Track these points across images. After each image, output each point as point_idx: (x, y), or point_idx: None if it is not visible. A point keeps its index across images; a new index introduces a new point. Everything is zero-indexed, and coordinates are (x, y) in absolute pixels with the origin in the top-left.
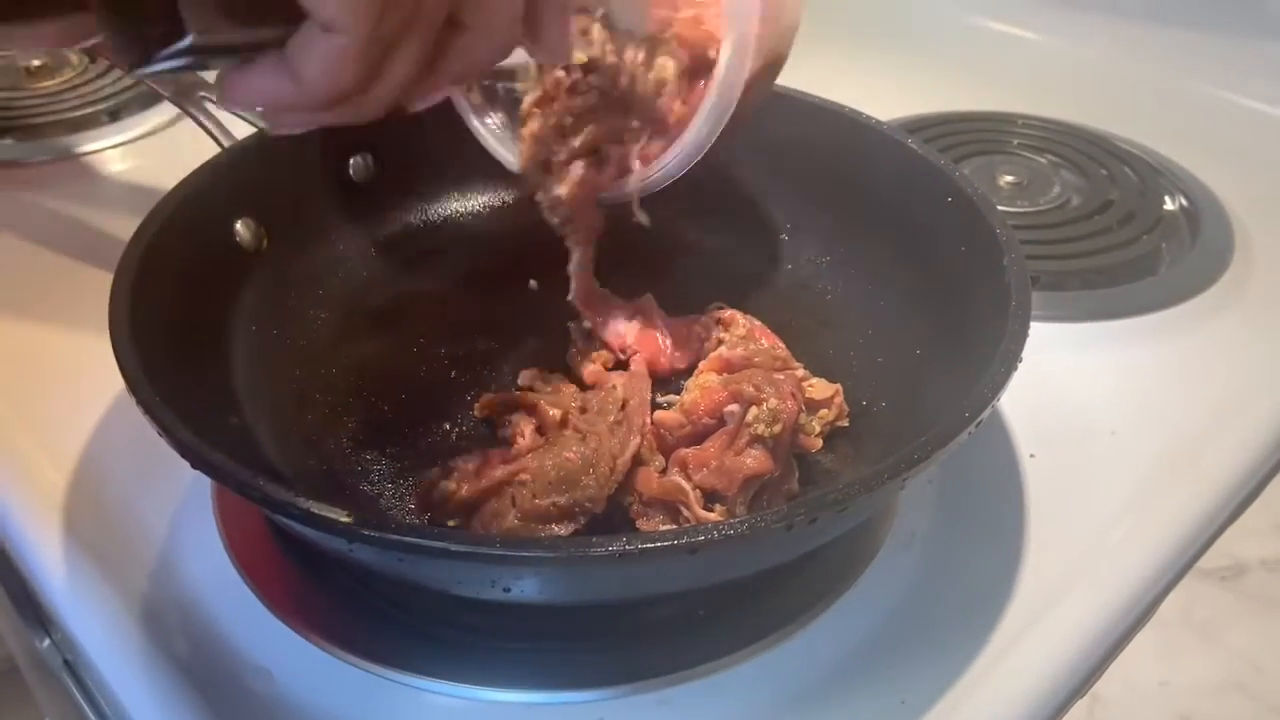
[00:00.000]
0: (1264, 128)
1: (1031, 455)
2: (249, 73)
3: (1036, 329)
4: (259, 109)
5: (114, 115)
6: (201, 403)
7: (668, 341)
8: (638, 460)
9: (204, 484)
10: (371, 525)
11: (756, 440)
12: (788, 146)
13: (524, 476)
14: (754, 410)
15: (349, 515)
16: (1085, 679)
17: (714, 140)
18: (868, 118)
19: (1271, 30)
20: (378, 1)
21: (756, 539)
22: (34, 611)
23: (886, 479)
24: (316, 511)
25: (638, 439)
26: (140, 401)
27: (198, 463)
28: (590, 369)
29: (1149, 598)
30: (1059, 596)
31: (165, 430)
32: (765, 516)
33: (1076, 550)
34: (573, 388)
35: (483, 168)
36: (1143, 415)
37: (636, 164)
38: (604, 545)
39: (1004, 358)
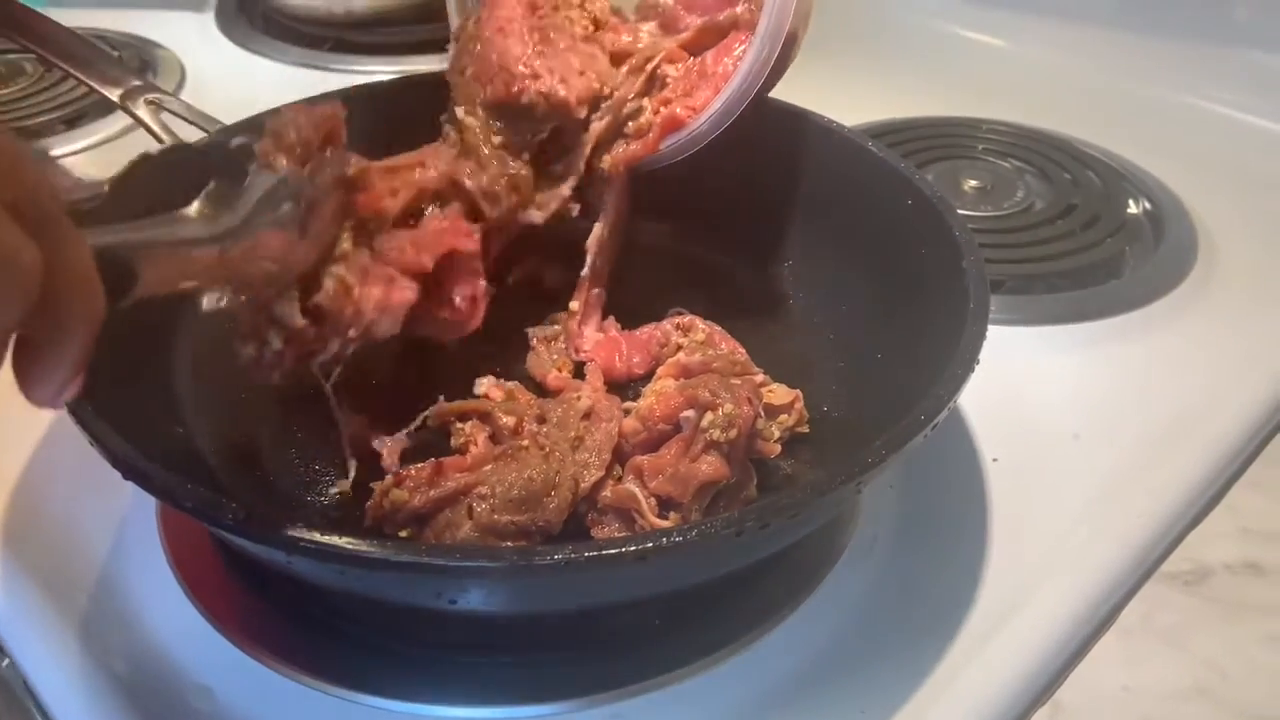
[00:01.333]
0: (1227, 132)
1: (994, 459)
2: None
3: (1001, 332)
4: None
5: (70, 123)
6: (142, 414)
7: (624, 347)
8: None
9: (147, 500)
10: (310, 536)
11: (712, 446)
12: (749, 150)
13: (483, 489)
14: (709, 415)
15: (288, 525)
16: (1047, 686)
17: (758, 86)
18: (829, 121)
19: (1233, 37)
20: None
21: (706, 546)
22: None
23: (839, 484)
24: (252, 521)
25: (601, 473)
26: (71, 411)
27: (129, 472)
28: (554, 375)
29: (1112, 602)
30: (1021, 602)
31: (96, 439)
32: (715, 522)
33: (1039, 555)
34: (529, 396)
35: None
36: (1106, 418)
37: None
38: (549, 554)
39: (961, 359)
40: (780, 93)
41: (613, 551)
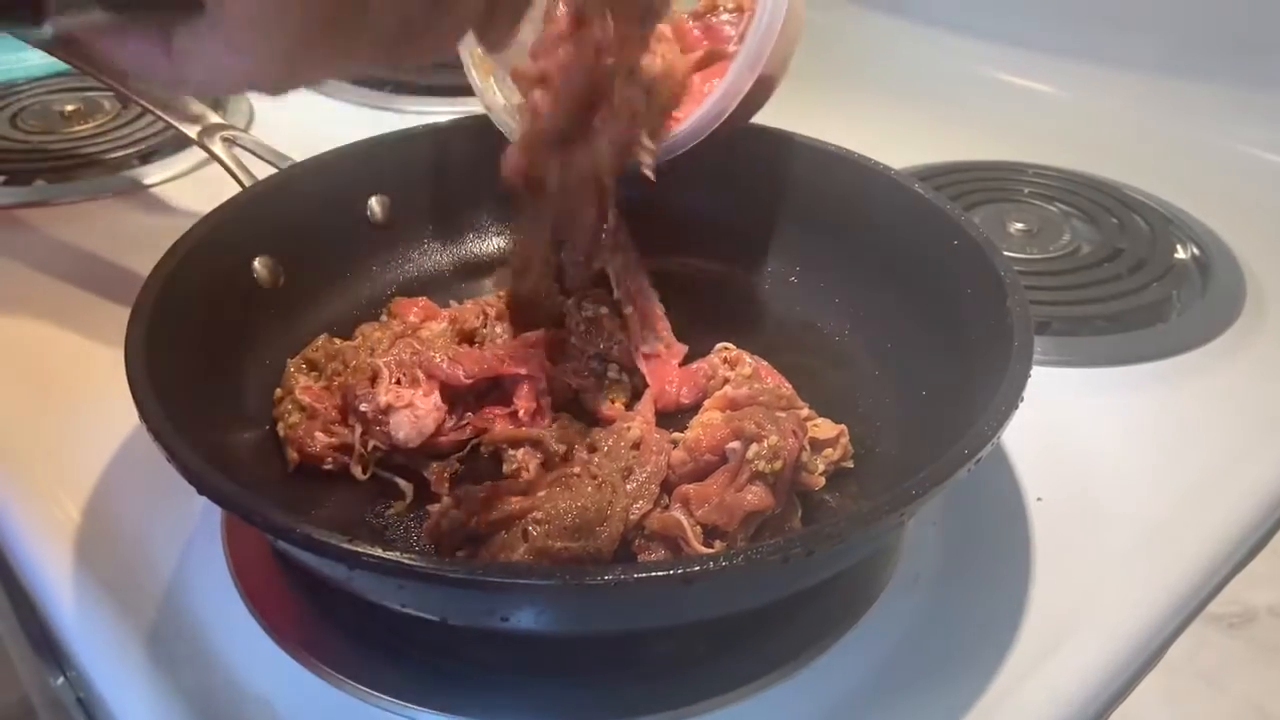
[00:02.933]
0: (1275, 178)
1: (1039, 499)
2: (120, 41)
3: (1047, 374)
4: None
5: (144, 158)
6: (213, 428)
7: (675, 378)
8: None
9: (214, 515)
10: (370, 551)
11: (757, 477)
12: (799, 190)
13: (538, 514)
14: (755, 447)
15: (349, 541)
16: None
17: (729, 110)
18: (876, 163)
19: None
20: (292, 47)
21: (751, 571)
22: (49, 648)
23: (883, 514)
24: (316, 537)
25: (650, 505)
26: (150, 428)
27: (202, 487)
28: (608, 406)
29: (1156, 643)
30: (1063, 641)
31: (171, 453)
32: (761, 549)
33: (1082, 594)
34: (579, 424)
35: (496, 210)
36: (1151, 460)
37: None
38: (599, 574)
39: (1005, 396)
40: (830, 135)
41: (660, 574)
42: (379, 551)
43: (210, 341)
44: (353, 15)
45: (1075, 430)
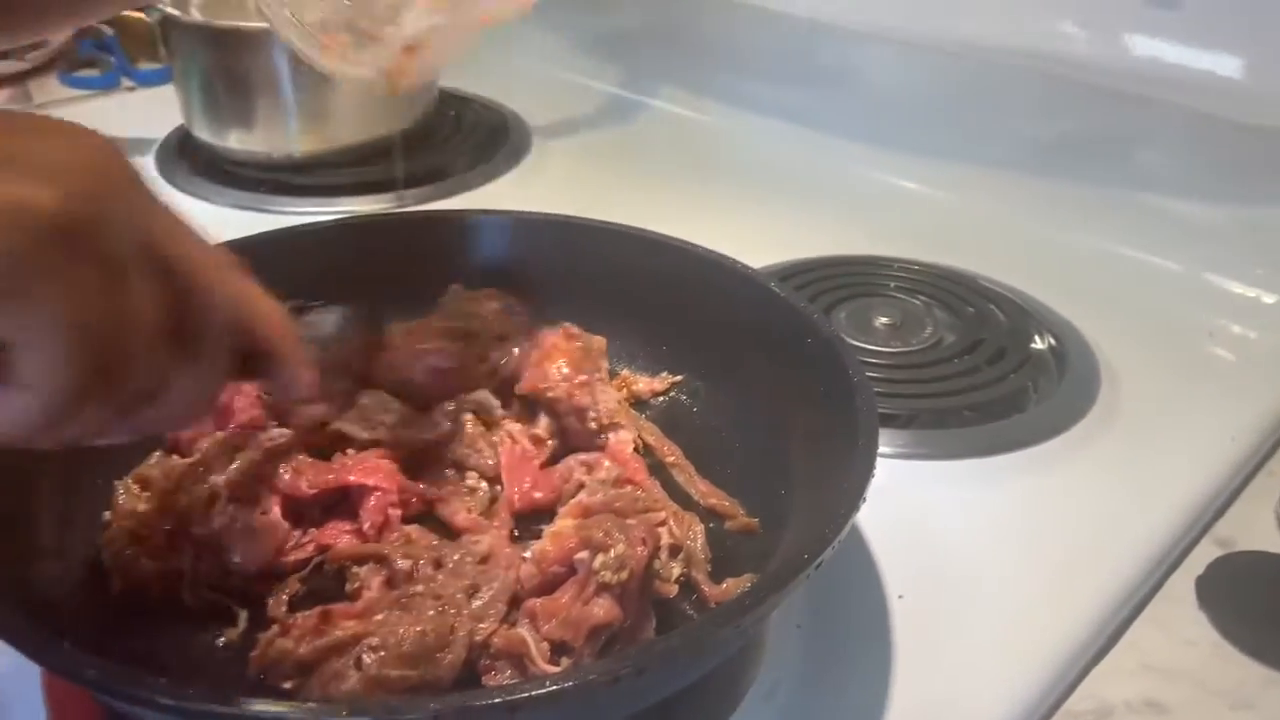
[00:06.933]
0: (1127, 271)
1: (900, 596)
2: None
3: (909, 466)
4: None
5: None
6: (27, 564)
7: (532, 476)
8: None
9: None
10: (155, 689)
11: (604, 588)
12: (668, 290)
13: (373, 641)
14: (601, 557)
15: (143, 683)
16: None
17: None
18: (735, 263)
19: (1132, 181)
20: (76, 380)
21: (580, 694)
22: None
23: (717, 627)
24: (114, 678)
25: (495, 624)
26: None
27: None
28: (463, 515)
29: None
30: None
31: None
32: (589, 669)
33: (944, 694)
34: (429, 537)
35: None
36: (1011, 553)
37: None
38: (416, 709)
39: (847, 499)
40: (698, 236)
41: (480, 704)
42: (169, 692)
43: (33, 457)
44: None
45: (937, 523)
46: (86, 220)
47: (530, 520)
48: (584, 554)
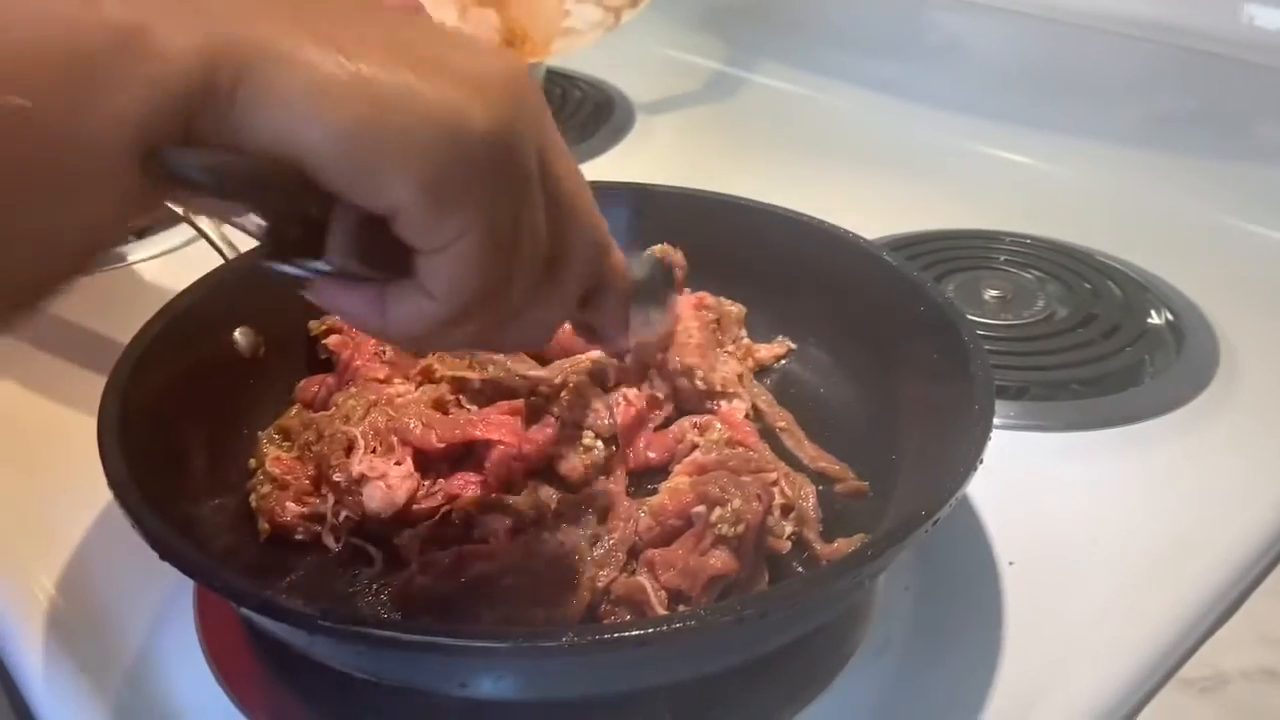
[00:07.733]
0: (1249, 246)
1: (1011, 563)
2: (347, 290)
3: (1022, 438)
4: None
5: (140, 234)
6: (187, 504)
7: (646, 438)
8: None
9: (186, 590)
10: (325, 615)
11: (721, 541)
12: (780, 260)
13: (506, 581)
14: (718, 511)
15: (306, 605)
16: None
17: None
18: (847, 233)
19: (1253, 153)
20: (477, 291)
21: (705, 633)
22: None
23: (838, 576)
24: (272, 601)
25: (616, 572)
26: (115, 495)
27: (165, 553)
28: (582, 472)
29: (1126, 708)
30: (1034, 705)
31: (136, 520)
32: (715, 610)
33: (1053, 659)
34: (550, 490)
35: None
36: (1124, 525)
37: None
38: (554, 636)
39: (965, 459)
40: (810, 207)
41: (614, 636)
42: (331, 618)
43: (188, 411)
44: (500, 293)
45: (1048, 495)
46: (511, 136)
47: (644, 478)
48: (700, 508)
